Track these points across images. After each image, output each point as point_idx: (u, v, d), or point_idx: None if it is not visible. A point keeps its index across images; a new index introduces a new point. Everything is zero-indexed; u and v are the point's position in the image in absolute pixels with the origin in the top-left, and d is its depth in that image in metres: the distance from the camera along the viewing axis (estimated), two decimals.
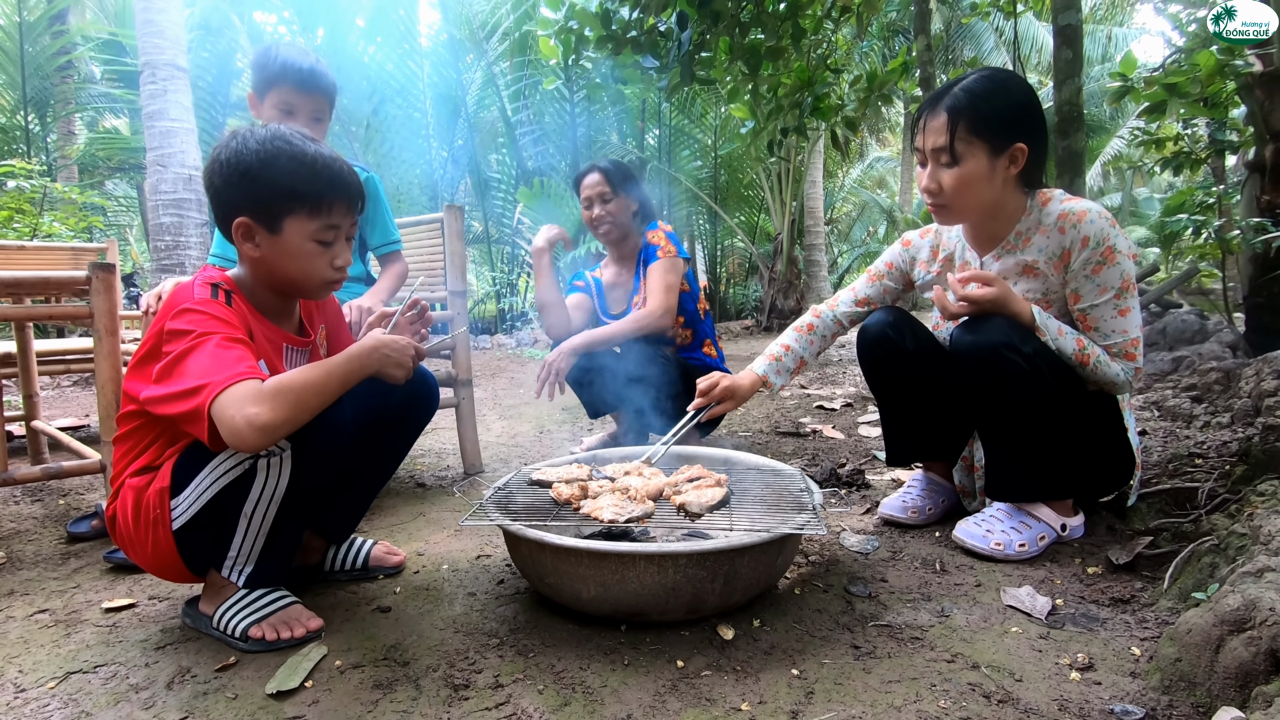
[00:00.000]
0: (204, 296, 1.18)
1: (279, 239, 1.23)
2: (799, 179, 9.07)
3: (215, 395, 1.05)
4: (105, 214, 8.70)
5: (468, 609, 1.38)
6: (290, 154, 1.21)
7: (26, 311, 2.00)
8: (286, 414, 1.08)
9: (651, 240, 2.52)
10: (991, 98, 1.48)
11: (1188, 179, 3.48)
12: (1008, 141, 1.49)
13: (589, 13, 3.33)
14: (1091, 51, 12.56)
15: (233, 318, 1.18)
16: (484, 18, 8.38)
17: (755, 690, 1.07)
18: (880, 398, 1.82)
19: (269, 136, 1.22)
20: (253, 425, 1.04)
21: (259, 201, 1.21)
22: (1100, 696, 1.03)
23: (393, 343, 1.27)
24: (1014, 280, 1.61)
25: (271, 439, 1.07)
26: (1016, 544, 1.54)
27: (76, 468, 1.82)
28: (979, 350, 1.51)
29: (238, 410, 1.04)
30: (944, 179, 1.52)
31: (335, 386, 1.17)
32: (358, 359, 1.21)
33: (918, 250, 1.83)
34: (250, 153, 1.20)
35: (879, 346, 1.74)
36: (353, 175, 1.29)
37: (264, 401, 1.05)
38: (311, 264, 1.26)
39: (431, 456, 2.75)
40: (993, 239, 1.63)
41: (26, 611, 1.42)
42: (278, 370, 1.28)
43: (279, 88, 1.95)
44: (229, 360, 1.09)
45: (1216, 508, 1.54)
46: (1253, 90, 2.92)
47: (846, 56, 8.20)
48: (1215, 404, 2.62)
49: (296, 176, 1.21)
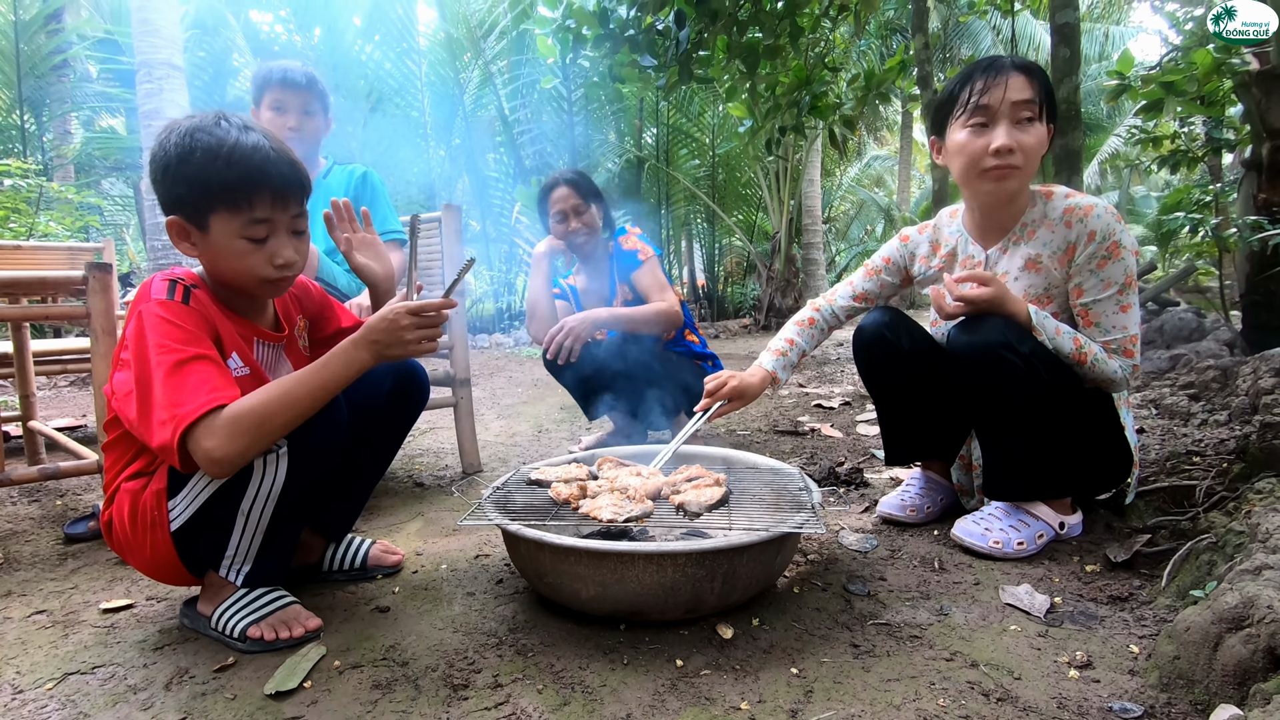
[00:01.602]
0: (160, 296, 1.14)
1: (209, 238, 1.17)
2: (797, 178, 9.07)
3: (176, 434, 1.05)
4: (102, 213, 8.69)
5: (466, 609, 1.38)
6: (206, 146, 1.12)
7: (23, 311, 1.99)
8: (245, 443, 1.08)
9: (627, 246, 2.54)
10: (1046, 73, 1.52)
11: (1185, 177, 3.49)
12: (1052, 118, 1.53)
13: (586, 11, 3.33)
14: (1089, 50, 12.58)
15: (188, 321, 1.13)
16: (481, 16, 8.38)
17: (755, 689, 1.07)
18: (878, 398, 1.82)
19: (190, 129, 1.14)
20: (211, 459, 1.06)
21: (180, 200, 1.16)
22: (1099, 694, 1.04)
23: (382, 325, 1.17)
24: (1016, 275, 1.61)
25: (234, 468, 1.10)
26: (1015, 542, 1.54)
27: (74, 468, 1.81)
28: (975, 350, 1.51)
29: (195, 445, 1.06)
30: (1023, 138, 1.47)
31: (307, 396, 1.13)
32: (341, 359, 1.16)
33: (916, 245, 1.83)
34: (171, 147, 1.14)
35: (875, 347, 1.74)
36: (285, 164, 1.18)
37: (218, 435, 1.06)
38: (244, 263, 1.18)
39: (430, 456, 2.74)
40: (1000, 229, 1.63)
41: (24, 612, 1.41)
42: (250, 363, 1.26)
43: (267, 91, 2.13)
44: (188, 387, 1.07)
45: (1214, 505, 1.54)
46: (1249, 88, 2.92)
47: (844, 55, 8.21)
48: (1213, 402, 2.62)
49: (211, 171, 1.12)
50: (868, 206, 16.52)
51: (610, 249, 2.61)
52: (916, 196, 15.91)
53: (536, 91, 8.56)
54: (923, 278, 1.81)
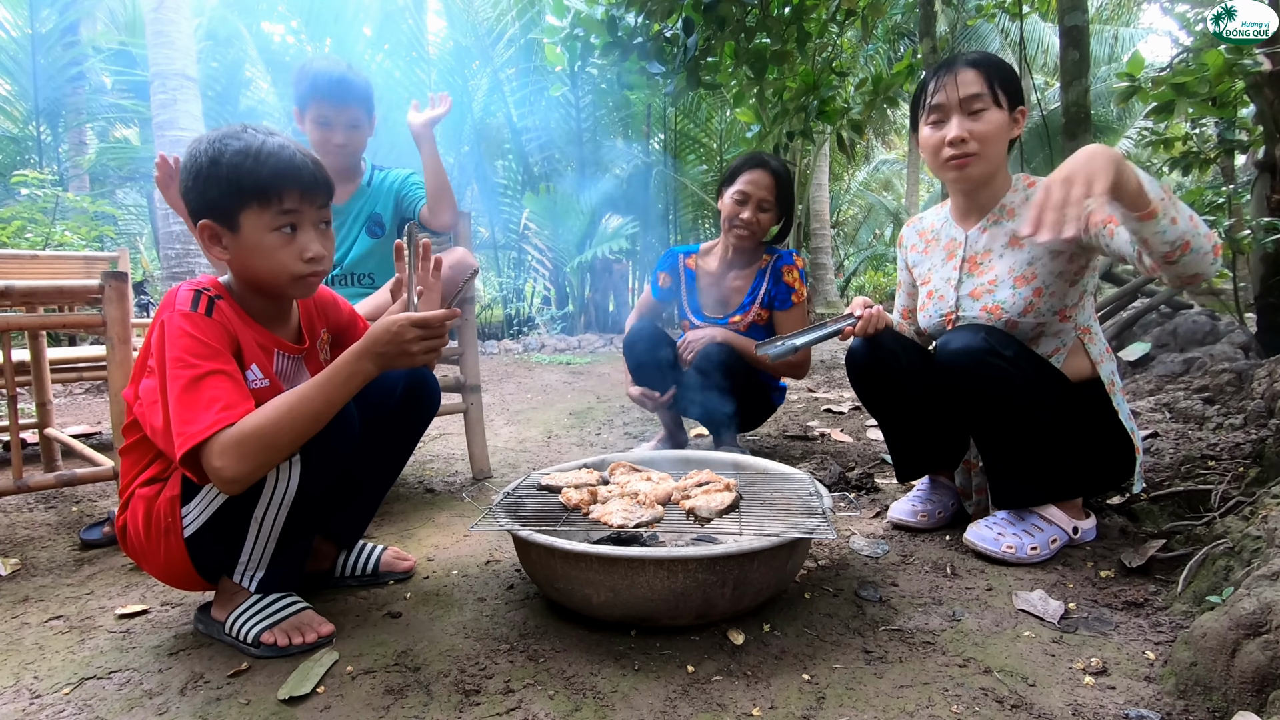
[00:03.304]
0: (184, 308, 1.17)
1: (240, 237, 1.21)
2: (805, 182, 9.07)
3: (187, 450, 1.08)
4: (116, 223, 8.79)
5: (478, 614, 1.38)
6: (235, 149, 1.18)
7: (41, 320, 2.02)
8: (254, 464, 1.11)
9: (788, 279, 2.40)
10: (1001, 62, 1.61)
11: (1197, 179, 3.46)
12: (1015, 102, 1.60)
13: (594, 20, 3.35)
14: (1098, 52, 12.51)
15: (213, 333, 1.16)
16: (490, 25, 8.44)
17: (766, 695, 1.07)
18: (880, 418, 1.83)
19: (219, 136, 1.20)
20: (222, 480, 1.10)
21: (213, 202, 1.20)
22: (1115, 701, 1.03)
23: (385, 336, 1.17)
24: (1001, 253, 1.64)
25: (246, 485, 1.13)
26: (1028, 547, 1.53)
27: (89, 475, 1.83)
28: (960, 360, 1.53)
29: (207, 464, 1.09)
30: (975, 127, 1.56)
31: (313, 413, 1.14)
32: (344, 372, 1.17)
33: (908, 240, 1.90)
34: (201, 154, 1.19)
35: (870, 369, 1.75)
36: (310, 163, 1.24)
37: (227, 456, 1.08)
38: (276, 258, 1.22)
39: (440, 462, 2.75)
40: (980, 210, 1.69)
41: (41, 618, 1.43)
42: (269, 375, 1.27)
43: (313, 103, 2.06)
44: (200, 406, 1.09)
45: (1230, 510, 1.52)
46: (1262, 89, 2.90)
47: (851, 60, 8.19)
48: (1227, 405, 2.59)
49: (241, 169, 1.18)
50: (876, 210, 16.49)
51: (765, 264, 2.45)
52: (925, 200, 15.85)
53: (545, 99, 8.61)
54: (916, 265, 1.86)
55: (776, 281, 2.42)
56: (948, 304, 1.70)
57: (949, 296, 1.70)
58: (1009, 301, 1.59)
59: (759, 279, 2.45)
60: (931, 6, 4.69)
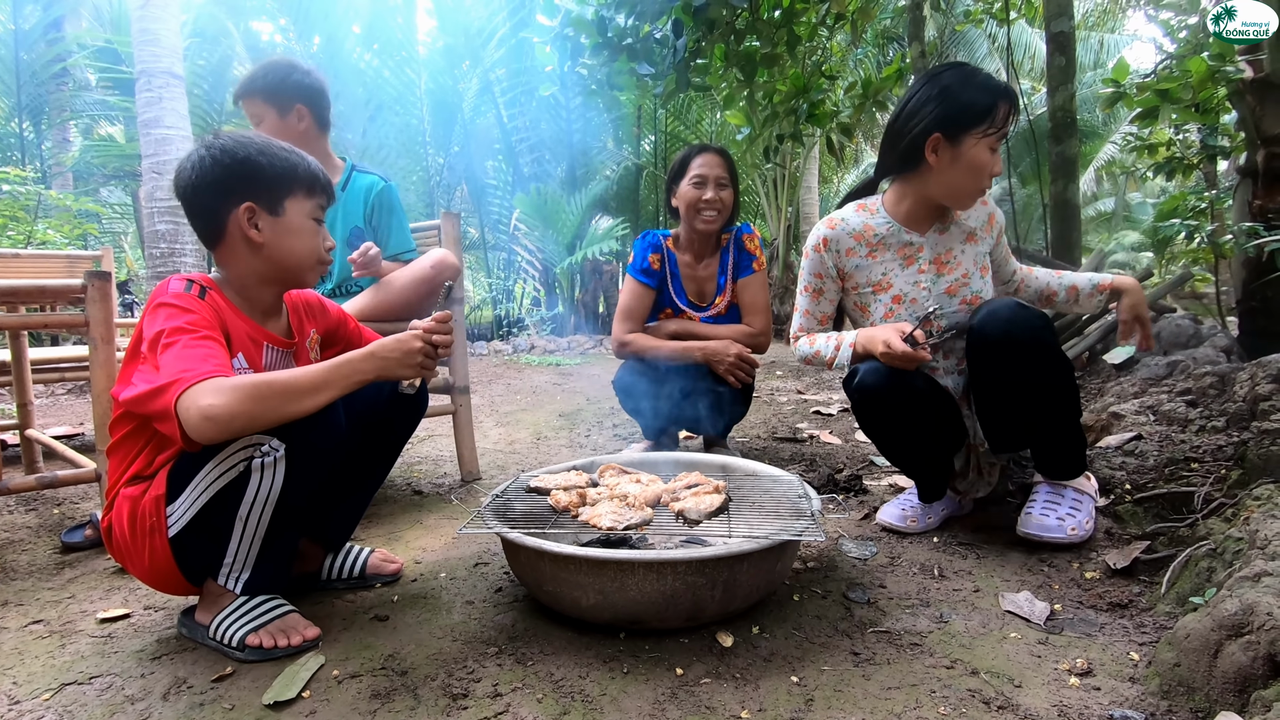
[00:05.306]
0: (179, 290, 1.21)
1: (281, 220, 1.29)
2: (795, 185, 9.10)
3: (181, 392, 1.06)
4: (100, 221, 8.69)
5: (466, 617, 1.37)
6: (279, 145, 1.32)
7: (22, 320, 1.99)
8: (243, 407, 1.07)
9: (750, 247, 2.47)
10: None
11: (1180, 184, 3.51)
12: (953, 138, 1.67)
13: (585, 20, 3.34)
14: (1084, 58, 12.64)
15: (205, 311, 1.20)
16: (480, 25, 8.41)
17: (755, 698, 1.07)
18: (897, 446, 1.75)
19: (249, 134, 1.31)
20: (204, 415, 1.04)
21: (259, 185, 1.27)
22: (1099, 702, 1.04)
23: (392, 344, 1.24)
24: (960, 248, 1.75)
25: (225, 431, 1.07)
26: (1085, 523, 1.60)
27: (71, 477, 1.81)
28: (1018, 332, 1.54)
29: (193, 403, 1.05)
30: None
31: (306, 388, 1.14)
32: (346, 365, 1.19)
33: (836, 242, 1.77)
34: (240, 145, 1.27)
35: (892, 396, 1.63)
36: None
37: (222, 394, 1.06)
38: (309, 243, 1.33)
39: (428, 464, 2.74)
40: (932, 216, 1.75)
41: (21, 622, 1.41)
42: (257, 367, 1.28)
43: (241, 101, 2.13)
44: (197, 357, 1.11)
45: (1212, 512, 1.54)
46: (1244, 96, 2.94)
47: (841, 63, 8.24)
48: (1210, 408, 2.62)
49: (294, 159, 1.31)
50: None
51: (726, 242, 2.51)
52: None
53: (535, 99, 8.58)
54: (857, 269, 1.76)
55: (740, 250, 2.50)
56: (922, 305, 1.70)
57: (922, 299, 1.71)
58: (984, 291, 1.74)
59: (724, 256, 2.53)
60: (920, 11, 4.72)
